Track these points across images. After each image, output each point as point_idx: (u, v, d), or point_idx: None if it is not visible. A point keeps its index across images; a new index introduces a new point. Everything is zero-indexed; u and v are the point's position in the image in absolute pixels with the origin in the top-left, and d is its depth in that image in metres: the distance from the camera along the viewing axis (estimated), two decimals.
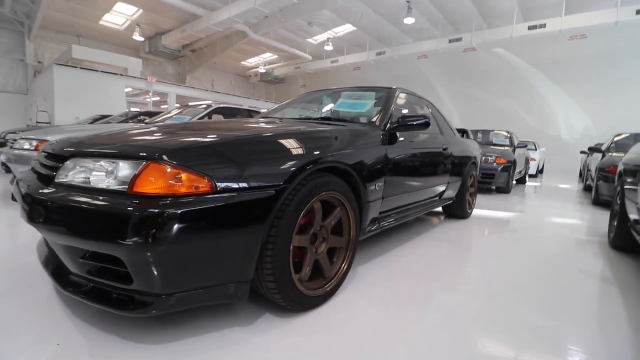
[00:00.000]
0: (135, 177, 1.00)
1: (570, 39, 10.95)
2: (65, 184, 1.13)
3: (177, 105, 10.47)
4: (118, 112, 7.30)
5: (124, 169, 1.04)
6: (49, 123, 8.95)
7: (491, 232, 3.05)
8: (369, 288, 1.67)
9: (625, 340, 1.32)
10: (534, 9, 11.33)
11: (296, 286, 1.30)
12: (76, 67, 9.92)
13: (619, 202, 2.62)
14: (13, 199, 1.39)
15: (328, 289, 1.48)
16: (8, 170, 3.44)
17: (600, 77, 11.60)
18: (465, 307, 1.53)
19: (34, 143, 3.08)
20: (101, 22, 13.43)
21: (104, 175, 1.07)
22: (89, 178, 1.09)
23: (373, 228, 1.91)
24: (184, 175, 1.02)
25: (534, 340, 1.29)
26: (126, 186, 1.01)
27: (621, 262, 2.29)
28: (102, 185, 1.06)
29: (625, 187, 2.44)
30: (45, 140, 3.04)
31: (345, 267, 1.59)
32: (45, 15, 11.56)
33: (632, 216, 2.17)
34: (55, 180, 1.16)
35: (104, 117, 7.13)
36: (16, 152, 3.21)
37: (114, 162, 1.07)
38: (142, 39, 14.12)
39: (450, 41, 12.53)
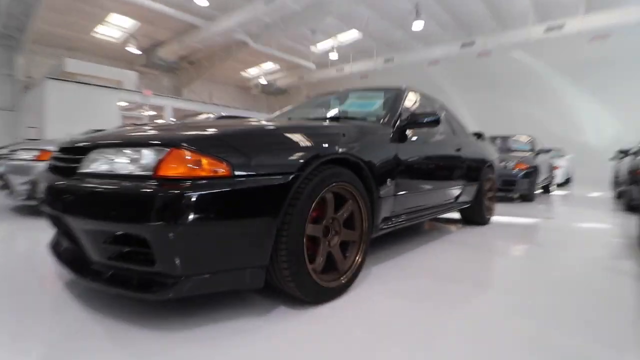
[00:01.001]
0: (160, 162, 1.17)
1: (592, 39, 11.20)
2: (90, 173, 1.29)
3: (173, 119, 10.82)
4: (113, 127, 7.61)
5: (149, 156, 1.20)
6: (40, 140, 9.31)
7: (515, 237, 3.13)
8: (382, 286, 1.77)
9: None
10: (551, 8, 11.63)
11: (310, 275, 1.43)
12: (69, 80, 10.38)
13: None
14: (31, 198, 1.55)
15: (343, 281, 1.60)
16: (4, 186, 3.57)
17: (630, 80, 11.73)
18: (487, 314, 1.52)
19: (35, 153, 3.29)
20: (93, 34, 14.07)
21: (128, 162, 1.23)
22: (113, 166, 1.26)
23: (385, 226, 2.04)
24: (204, 160, 1.18)
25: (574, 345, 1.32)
26: (150, 172, 1.17)
27: None
28: (126, 171, 1.22)
29: None
30: (47, 150, 3.25)
31: (360, 260, 1.71)
32: (35, 29, 12.18)
33: None
34: (78, 171, 1.33)
35: (97, 132, 7.41)
36: (15, 163, 3.40)
37: (138, 150, 1.23)
38: (138, 51, 14.73)
39: (462, 45, 12.88)
